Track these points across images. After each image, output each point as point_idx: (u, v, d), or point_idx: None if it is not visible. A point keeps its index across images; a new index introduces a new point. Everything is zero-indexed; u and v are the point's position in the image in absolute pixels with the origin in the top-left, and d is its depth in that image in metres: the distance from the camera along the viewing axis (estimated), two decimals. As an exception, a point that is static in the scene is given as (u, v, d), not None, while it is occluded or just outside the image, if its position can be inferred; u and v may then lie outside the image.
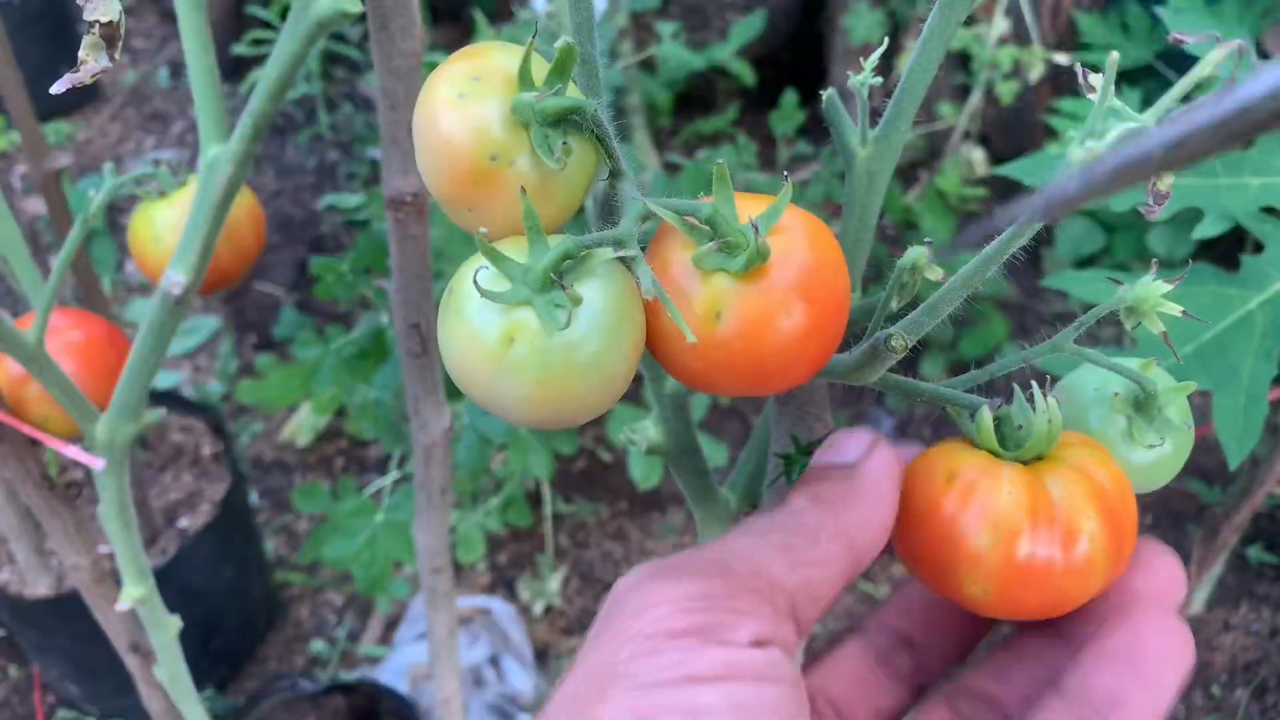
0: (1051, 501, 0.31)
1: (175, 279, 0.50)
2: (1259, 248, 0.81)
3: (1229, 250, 1.37)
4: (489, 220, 0.31)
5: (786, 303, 0.30)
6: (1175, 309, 0.34)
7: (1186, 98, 0.30)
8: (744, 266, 0.30)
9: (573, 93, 0.32)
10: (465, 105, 0.30)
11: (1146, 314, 0.34)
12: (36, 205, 1.96)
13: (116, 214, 2.03)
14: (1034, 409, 0.33)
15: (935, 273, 0.35)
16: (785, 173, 0.33)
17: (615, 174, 0.33)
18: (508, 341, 0.29)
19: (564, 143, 0.31)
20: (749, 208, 0.31)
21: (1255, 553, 1.47)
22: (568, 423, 0.31)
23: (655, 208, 0.31)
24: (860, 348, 0.34)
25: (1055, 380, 0.38)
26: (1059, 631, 0.35)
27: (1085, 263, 1.64)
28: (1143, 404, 0.36)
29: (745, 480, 0.46)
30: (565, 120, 0.31)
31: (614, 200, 0.33)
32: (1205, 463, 1.59)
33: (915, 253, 0.35)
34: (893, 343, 0.32)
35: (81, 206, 0.58)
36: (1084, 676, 0.31)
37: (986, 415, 0.33)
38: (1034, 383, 0.33)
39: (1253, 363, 0.74)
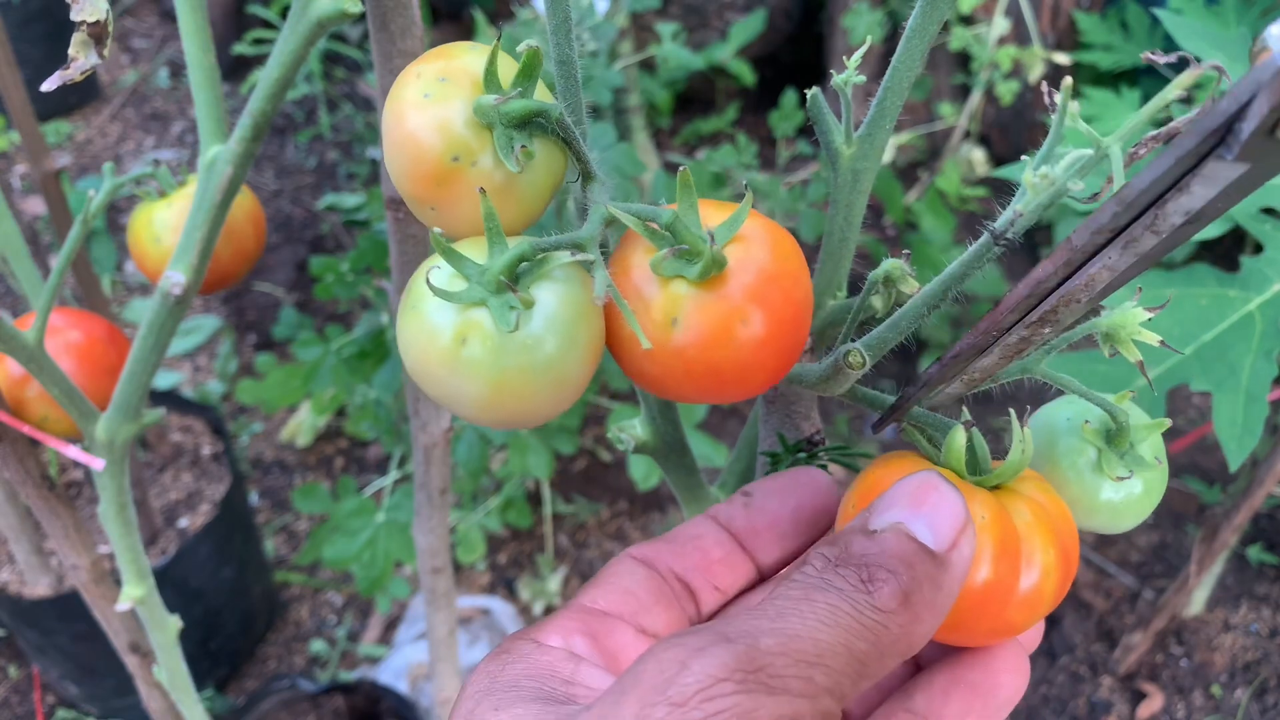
0: (1016, 531, 0.31)
1: (175, 279, 0.50)
2: (1259, 249, 0.81)
3: (1229, 251, 1.37)
4: (452, 220, 0.31)
5: (743, 311, 0.30)
6: (1153, 338, 0.33)
7: (1159, 122, 0.30)
8: (700, 274, 0.30)
9: (543, 95, 0.32)
10: (430, 105, 0.31)
11: (1123, 341, 0.34)
12: (36, 205, 1.96)
13: (116, 214, 2.03)
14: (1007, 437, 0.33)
15: (910, 285, 0.35)
16: (744, 182, 0.33)
17: (586, 176, 0.33)
18: (461, 341, 0.29)
19: (523, 146, 0.31)
20: (713, 216, 0.31)
21: (1255, 553, 1.47)
22: (523, 423, 0.31)
23: (616, 212, 0.31)
24: (826, 361, 0.34)
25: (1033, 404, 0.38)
26: None
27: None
28: (1114, 437, 0.35)
29: (735, 479, 0.46)
30: (530, 123, 0.31)
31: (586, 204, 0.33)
32: (1205, 463, 1.59)
33: (889, 264, 0.35)
34: (850, 359, 0.32)
35: (81, 206, 0.58)
36: (934, 700, 0.32)
37: (960, 436, 0.32)
38: (1012, 411, 0.33)
39: (1252, 363, 0.74)
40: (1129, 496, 0.35)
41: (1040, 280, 0.27)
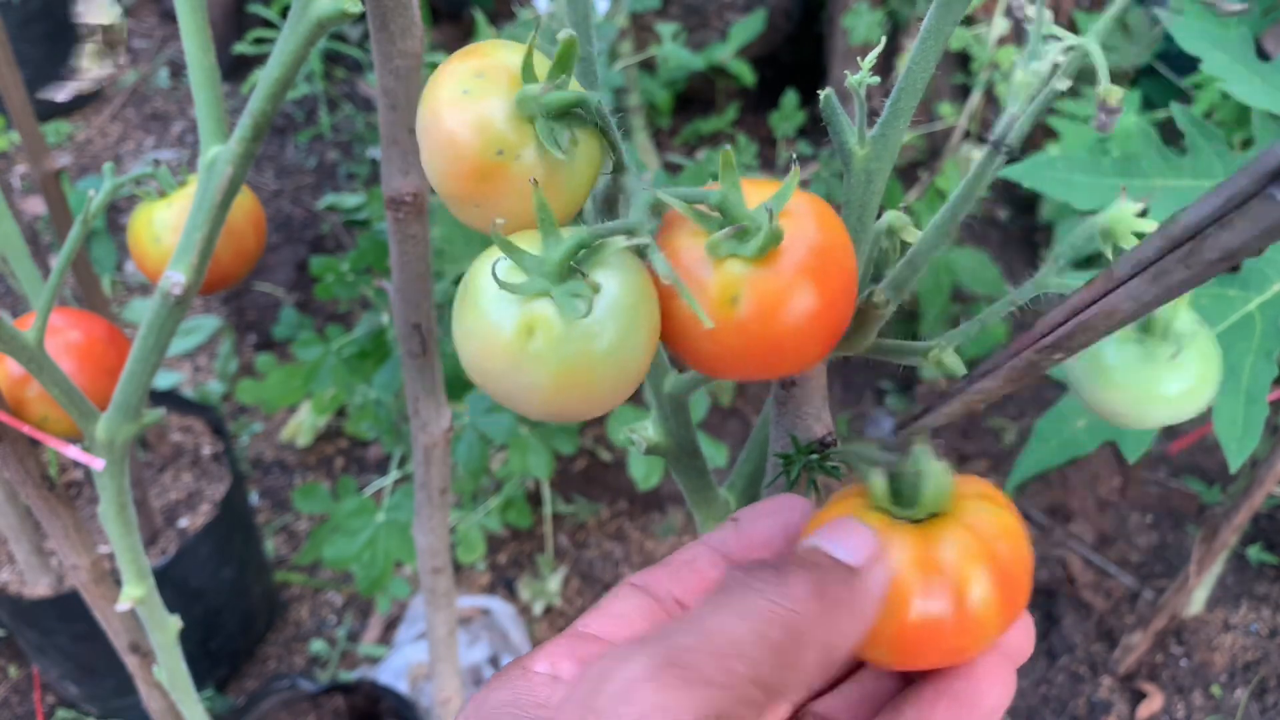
0: (940, 564, 0.31)
1: (175, 279, 0.50)
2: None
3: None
4: (496, 215, 0.31)
5: (800, 284, 0.30)
6: (1151, 225, 0.33)
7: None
8: (759, 250, 0.30)
9: (574, 88, 0.32)
10: (470, 101, 0.31)
11: (1121, 235, 0.34)
12: (36, 205, 1.96)
13: (116, 214, 2.03)
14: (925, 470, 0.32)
15: (911, 233, 0.35)
16: (794, 154, 0.33)
17: (619, 167, 0.33)
18: (526, 333, 0.29)
19: (571, 134, 0.31)
20: (756, 193, 0.31)
21: (1255, 553, 1.47)
22: (584, 414, 0.31)
23: (665, 197, 0.31)
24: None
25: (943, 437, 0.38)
26: None
27: (1085, 263, 1.64)
28: (1148, 325, 0.35)
29: (744, 480, 0.46)
30: (569, 114, 0.31)
31: (616, 194, 0.33)
32: (1205, 463, 1.59)
33: (891, 216, 0.35)
34: (875, 298, 0.32)
35: (81, 206, 0.58)
36: (922, 710, 0.33)
37: (878, 481, 0.32)
38: (922, 444, 0.32)
39: (1252, 363, 0.74)
40: (1190, 374, 0.35)
41: (1077, 309, 0.27)
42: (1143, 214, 0.34)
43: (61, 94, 0.51)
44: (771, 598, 0.29)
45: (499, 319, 0.29)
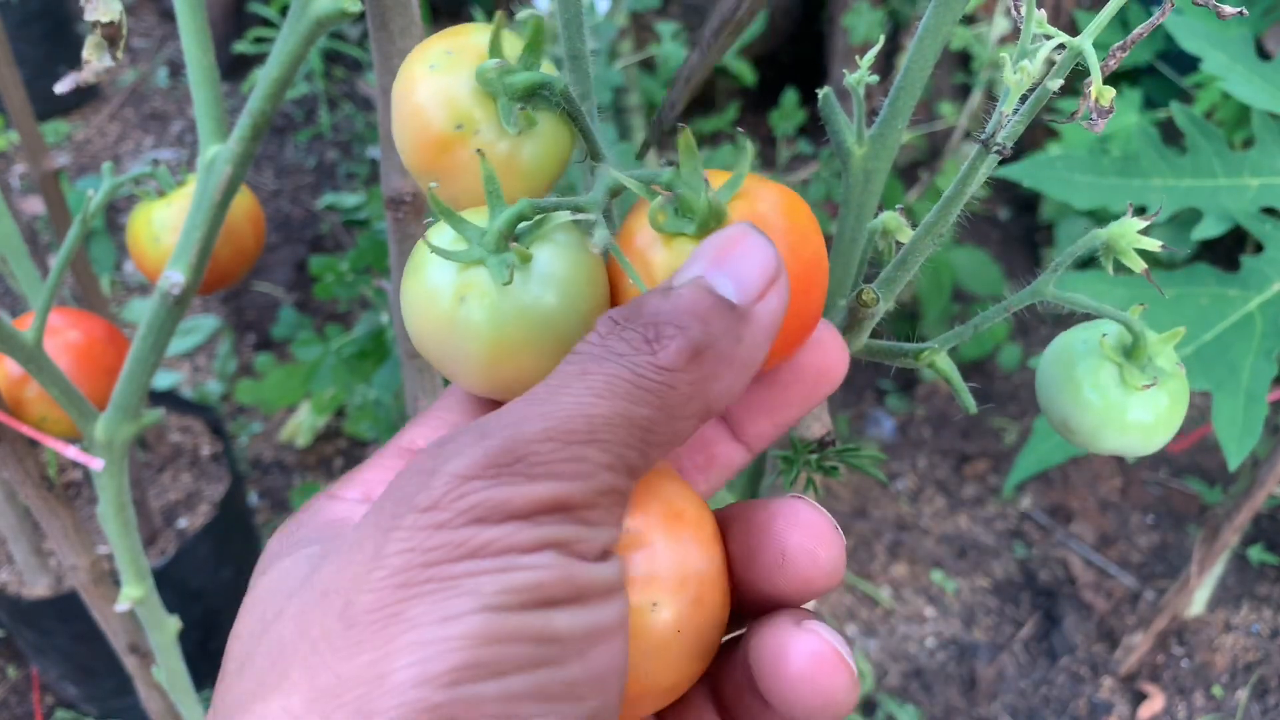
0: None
1: (174, 279, 0.50)
2: (1259, 248, 0.81)
3: (1229, 251, 1.37)
4: (454, 192, 0.32)
5: None
6: (1153, 244, 0.33)
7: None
8: (699, 229, 0.29)
9: (549, 72, 0.32)
10: (435, 75, 0.31)
11: (1124, 251, 0.34)
12: (35, 205, 1.96)
13: (115, 214, 2.03)
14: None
15: (905, 233, 0.35)
16: (740, 129, 0.32)
17: (594, 155, 0.33)
18: (459, 300, 0.29)
19: (522, 108, 0.31)
20: (718, 180, 0.31)
21: (1256, 553, 1.47)
22: (520, 385, 0.30)
23: (620, 177, 0.31)
24: (840, 313, 0.34)
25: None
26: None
27: (1086, 263, 1.64)
28: (1132, 350, 0.35)
29: (744, 479, 0.46)
30: (535, 96, 0.31)
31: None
32: (1206, 463, 1.59)
33: (886, 216, 0.35)
34: (864, 297, 0.32)
35: (80, 206, 0.57)
36: (776, 396, 0.32)
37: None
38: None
39: (1252, 363, 0.74)
40: (1156, 410, 0.35)
41: None
42: (1146, 227, 0.33)
43: (61, 85, 0.50)
44: (639, 368, 0.25)
45: (437, 285, 0.29)
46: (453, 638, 0.22)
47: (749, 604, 0.29)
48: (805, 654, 0.26)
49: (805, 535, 0.28)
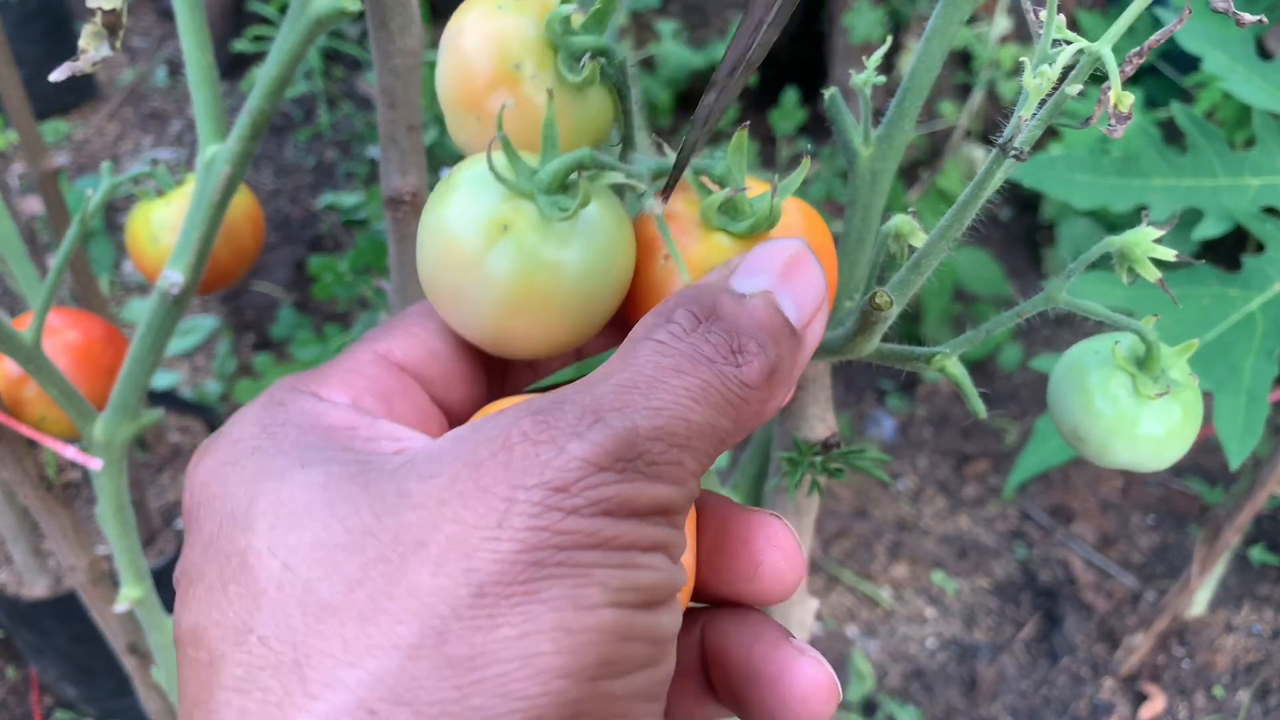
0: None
1: (173, 278, 0.50)
2: (1260, 248, 0.81)
3: (1230, 251, 1.36)
4: (489, 135, 0.30)
5: None
6: (1168, 253, 0.33)
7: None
8: (749, 229, 0.30)
9: None
10: (502, 14, 0.31)
11: (1138, 260, 0.34)
12: (34, 204, 1.96)
13: (114, 213, 2.03)
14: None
15: (919, 237, 0.35)
16: (808, 148, 0.33)
17: (628, 142, 0.33)
18: (499, 229, 0.28)
19: (589, 56, 0.31)
20: (759, 187, 0.31)
21: (1257, 554, 1.47)
22: (532, 343, 0.29)
23: (671, 156, 0.31)
24: (851, 316, 0.34)
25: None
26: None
27: (1089, 265, 1.63)
28: (1145, 361, 0.35)
29: (748, 481, 0.46)
30: (594, 59, 0.31)
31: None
32: (1207, 463, 1.59)
33: (900, 220, 0.34)
34: (878, 300, 0.32)
35: (79, 206, 0.57)
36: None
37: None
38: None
39: (1254, 363, 0.74)
40: (1169, 422, 0.35)
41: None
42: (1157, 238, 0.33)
43: (57, 73, 0.50)
44: (728, 382, 0.25)
45: (473, 212, 0.28)
46: (592, 629, 0.22)
47: (704, 594, 0.30)
48: (808, 681, 0.28)
49: (780, 556, 0.29)
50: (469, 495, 0.22)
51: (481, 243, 0.28)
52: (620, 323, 0.31)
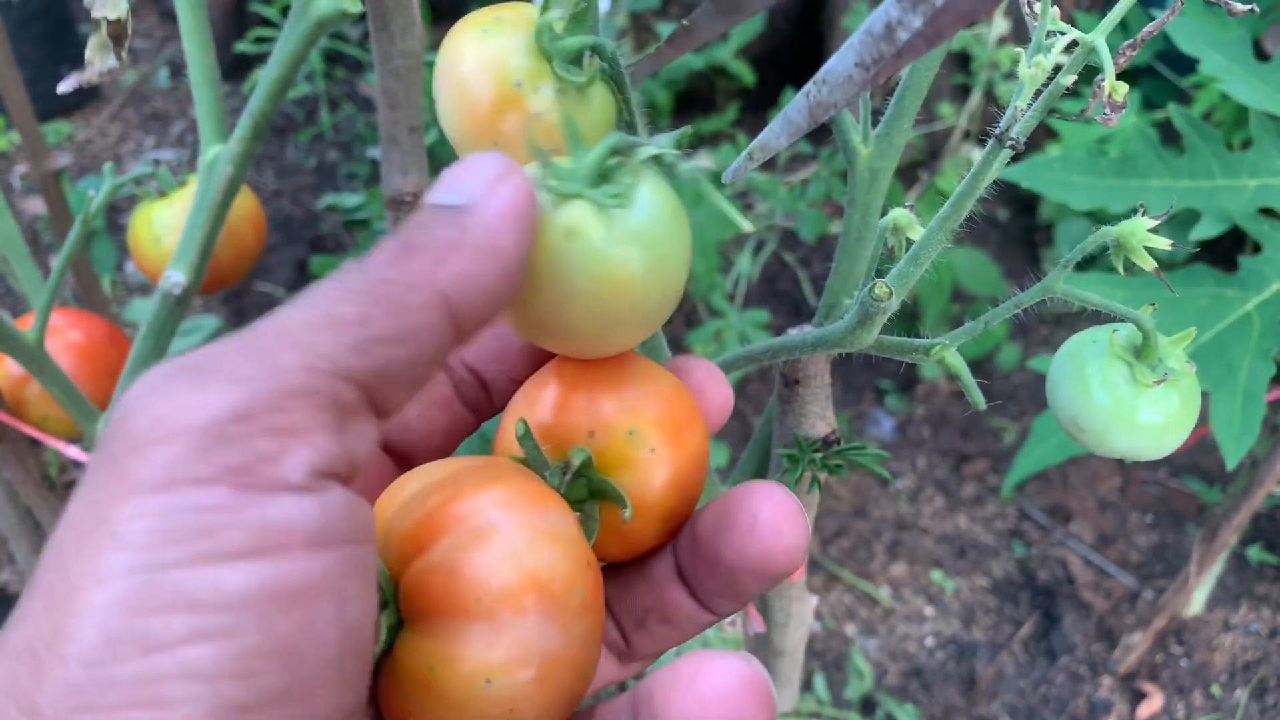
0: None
1: (175, 279, 0.50)
2: (1257, 249, 0.81)
3: (1228, 252, 1.37)
4: (513, 154, 0.30)
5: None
6: (1164, 243, 0.33)
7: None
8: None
9: None
10: (489, 39, 0.31)
11: (1134, 249, 0.34)
12: (36, 205, 1.96)
13: (116, 214, 2.03)
14: None
15: (916, 231, 0.35)
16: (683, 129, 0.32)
17: (631, 127, 0.33)
18: (566, 235, 0.27)
19: (591, 54, 0.31)
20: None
21: (1255, 553, 1.47)
22: (620, 334, 0.29)
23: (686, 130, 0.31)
24: (851, 308, 0.34)
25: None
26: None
27: (1085, 264, 1.64)
28: (1142, 350, 0.35)
29: (747, 478, 0.46)
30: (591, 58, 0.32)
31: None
32: (1205, 463, 1.59)
33: (897, 213, 0.35)
34: (876, 291, 0.32)
35: (81, 207, 0.58)
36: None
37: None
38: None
39: (1250, 363, 0.74)
40: (1167, 411, 0.35)
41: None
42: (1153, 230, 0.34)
43: (64, 85, 0.51)
44: (343, 280, 0.24)
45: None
46: (99, 608, 0.20)
47: (707, 559, 0.31)
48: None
49: (777, 510, 0.30)
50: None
51: (555, 251, 0.27)
52: None
